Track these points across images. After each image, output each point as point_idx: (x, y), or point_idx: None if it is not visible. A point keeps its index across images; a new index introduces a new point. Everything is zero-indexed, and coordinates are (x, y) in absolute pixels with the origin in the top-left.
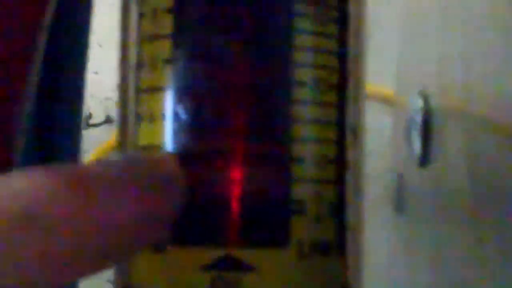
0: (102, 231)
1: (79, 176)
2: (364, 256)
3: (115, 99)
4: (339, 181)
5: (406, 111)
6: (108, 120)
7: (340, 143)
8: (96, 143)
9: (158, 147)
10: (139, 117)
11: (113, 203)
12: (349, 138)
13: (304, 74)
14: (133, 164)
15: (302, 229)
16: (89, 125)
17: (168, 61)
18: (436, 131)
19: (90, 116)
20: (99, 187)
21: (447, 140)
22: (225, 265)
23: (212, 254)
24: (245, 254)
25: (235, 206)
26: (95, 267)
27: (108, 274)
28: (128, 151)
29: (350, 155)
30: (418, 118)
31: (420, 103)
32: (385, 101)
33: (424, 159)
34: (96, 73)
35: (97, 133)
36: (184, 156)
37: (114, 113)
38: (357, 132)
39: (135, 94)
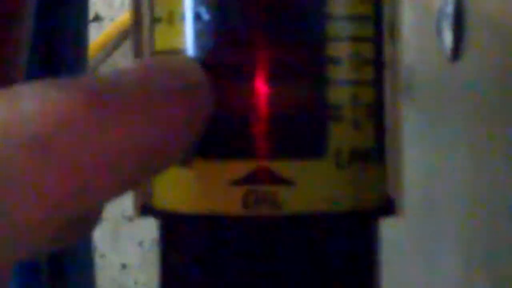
0: (125, 154)
1: (96, 91)
2: (403, 162)
3: None
4: (377, 81)
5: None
6: (96, 18)
7: (377, 41)
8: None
9: (178, 52)
10: (155, 19)
11: (136, 122)
12: (386, 35)
13: None
14: (154, 73)
15: (340, 136)
16: None
17: None
18: (468, 24)
19: None
20: (119, 103)
21: (481, 41)
22: (258, 178)
23: (243, 167)
24: (280, 166)
25: (267, 114)
26: (118, 191)
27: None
28: (144, 57)
29: (387, 53)
30: (449, 9)
31: None
32: None
33: (456, 53)
34: None
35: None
36: (209, 61)
37: (102, 10)
38: (394, 28)
39: None
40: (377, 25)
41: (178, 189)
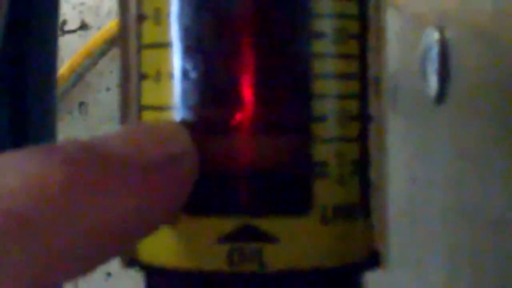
0: (105, 227)
1: (78, 163)
2: (389, 216)
3: (89, 4)
4: (362, 138)
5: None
6: (83, 26)
7: (362, 97)
8: (71, 49)
9: (164, 108)
10: (142, 75)
11: (117, 196)
12: (371, 90)
13: (322, 24)
14: (138, 142)
15: (324, 193)
16: (64, 32)
17: (173, 14)
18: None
19: (64, 22)
20: (101, 177)
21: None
22: (243, 235)
23: (229, 224)
24: (265, 223)
25: (252, 172)
26: (96, 263)
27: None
28: (130, 112)
29: (372, 109)
30: (434, 52)
31: (436, 35)
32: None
33: (441, 96)
34: None
35: (73, 40)
36: (195, 119)
37: (89, 18)
38: (379, 83)
39: (137, 49)
40: (362, 81)
41: (165, 244)
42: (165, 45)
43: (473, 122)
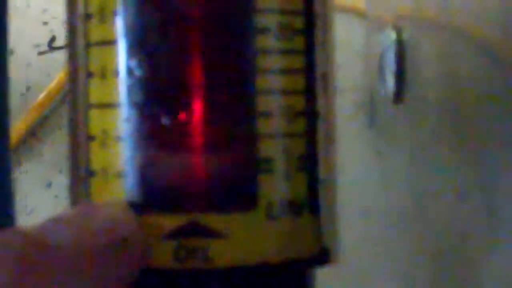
0: None
1: (27, 255)
2: (338, 212)
3: None
4: (309, 133)
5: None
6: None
7: (309, 93)
8: (61, 66)
9: (111, 106)
10: (89, 73)
11: (67, 284)
12: (318, 86)
13: (267, 19)
14: (86, 228)
15: (270, 189)
16: (54, 48)
17: (117, 12)
18: (410, 66)
19: (54, 38)
20: (50, 267)
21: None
22: (189, 232)
23: (174, 220)
24: (211, 220)
25: (197, 168)
26: None
27: None
28: (78, 110)
29: (320, 104)
30: (391, 54)
31: (392, 36)
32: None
33: (398, 96)
34: None
35: (62, 56)
36: (141, 116)
37: None
38: (327, 79)
39: (84, 48)
40: (308, 77)
41: None
42: (110, 43)
43: (427, 120)
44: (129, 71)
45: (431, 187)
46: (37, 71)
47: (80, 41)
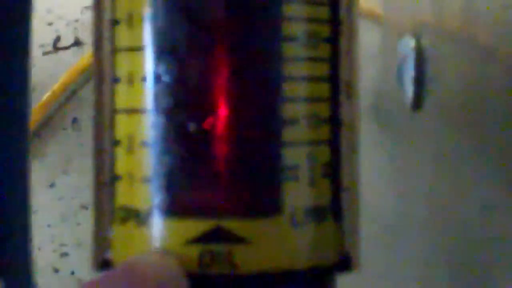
0: None
1: None
2: (360, 219)
3: (84, 21)
4: (333, 141)
5: (397, 52)
6: (77, 43)
7: (334, 100)
8: (65, 66)
9: (137, 112)
10: (116, 79)
11: None
12: (343, 94)
13: (293, 28)
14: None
15: (295, 195)
16: (58, 49)
17: (146, 18)
18: (430, 73)
19: (58, 39)
20: None
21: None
22: (214, 237)
23: (199, 226)
24: (235, 225)
25: (223, 174)
26: None
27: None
28: (104, 116)
29: (344, 112)
30: (411, 60)
31: (412, 43)
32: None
33: (417, 103)
34: None
35: (67, 56)
36: (167, 122)
37: (83, 35)
38: (351, 87)
39: (111, 53)
40: (333, 85)
41: (136, 246)
42: (138, 48)
43: (448, 129)
44: (157, 77)
45: (450, 197)
46: (42, 71)
47: (106, 46)
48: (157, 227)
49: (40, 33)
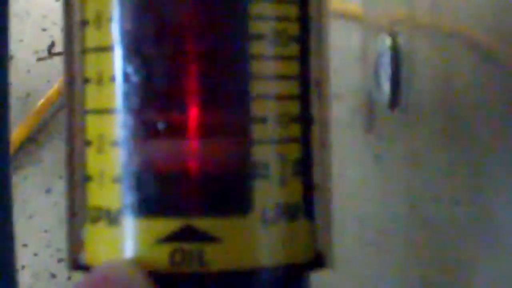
0: None
1: None
2: (333, 217)
3: None
4: (304, 139)
5: (374, 51)
6: None
7: (304, 98)
8: (59, 72)
9: (107, 112)
10: (86, 79)
11: None
12: (313, 92)
13: (261, 26)
14: None
15: (265, 194)
16: (53, 54)
17: (113, 18)
18: (405, 71)
19: (53, 44)
20: None
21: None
22: (184, 236)
23: (170, 225)
24: (206, 224)
25: (193, 173)
26: None
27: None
28: (75, 116)
29: (315, 110)
30: (387, 59)
31: (388, 41)
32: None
33: (394, 101)
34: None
35: (60, 63)
36: (137, 121)
37: None
38: (322, 85)
39: (80, 53)
40: (303, 83)
41: (107, 246)
42: (106, 49)
43: (423, 125)
44: (125, 77)
45: (427, 192)
46: (37, 77)
47: (76, 47)
48: (128, 227)
49: (35, 39)
